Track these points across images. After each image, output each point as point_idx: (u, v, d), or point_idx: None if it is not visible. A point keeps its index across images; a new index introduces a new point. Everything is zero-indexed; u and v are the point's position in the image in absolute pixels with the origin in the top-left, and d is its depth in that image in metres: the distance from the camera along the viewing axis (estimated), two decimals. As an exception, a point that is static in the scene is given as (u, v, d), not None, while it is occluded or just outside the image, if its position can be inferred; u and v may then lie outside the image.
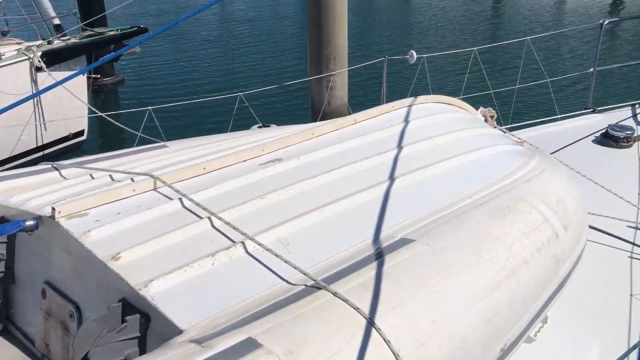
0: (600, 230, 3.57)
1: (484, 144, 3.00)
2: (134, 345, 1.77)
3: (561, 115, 6.06)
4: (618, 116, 5.52)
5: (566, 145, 4.89)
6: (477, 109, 3.84)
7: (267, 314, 1.59)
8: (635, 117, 5.52)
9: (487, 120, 3.79)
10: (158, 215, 2.12)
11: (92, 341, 1.73)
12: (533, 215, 2.40)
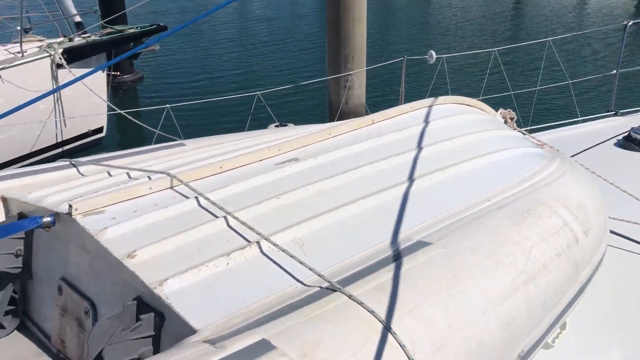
0: (622, 235, 3.50)
1: (504, 146, 2.96)
2: (148, 344, 1.76)
3: (582, 118, 5.98)
4: None
5: (587, 148, 4.82)
6: (497, 110, 3.79)
7: (281, 316, 1.57)
8: None
9: (506, 122, 3.74)
10: (174, 213, 2.12)
11: (107, 339, 1.73)
12: (553, 220, 2.36)
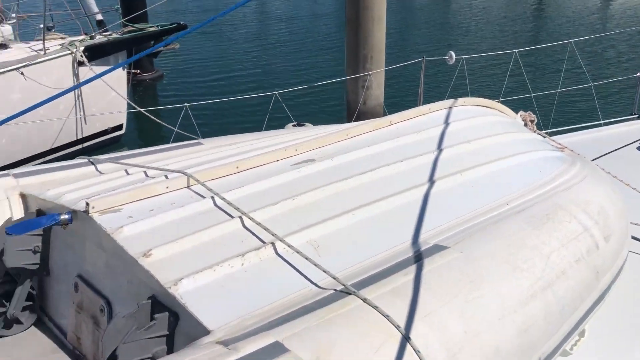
0: None
1: (523, 149, 2.92)
2: (162, 344, 1.77)
3: (604, 121, 5.89)
4: None
5: (609, 151, 4.74)
6: (517, 112, 3.75)
7: (294, 318, 1.56)
8: None
9: (526, 125, 3.70)
10: (190, 213, 2.12)
11: (121, 337, 1.73)
12: (572, 225, 2.32)
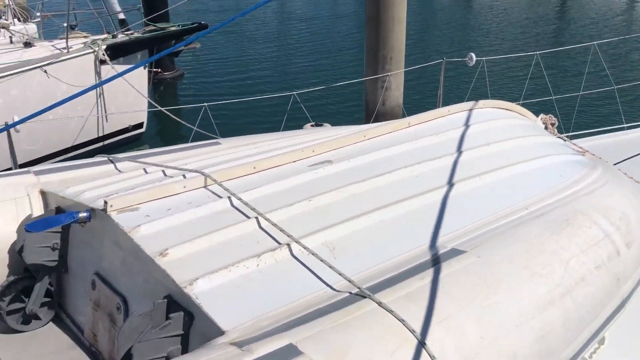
0: None
1: (544, 153, 2.89)
2: (177, 343, 1.77)
3: (627, 125, 5.79)
4: None
5: (631, 156, 4.65)
6: (538, 115, 3.71)
7: (309, 320, 1.56)
8: None
9: (547, 128, 3.66)
10: (207, 213, 2.13)
11: (136, 336, 1.74)
12: (593, 230, 2.29)
